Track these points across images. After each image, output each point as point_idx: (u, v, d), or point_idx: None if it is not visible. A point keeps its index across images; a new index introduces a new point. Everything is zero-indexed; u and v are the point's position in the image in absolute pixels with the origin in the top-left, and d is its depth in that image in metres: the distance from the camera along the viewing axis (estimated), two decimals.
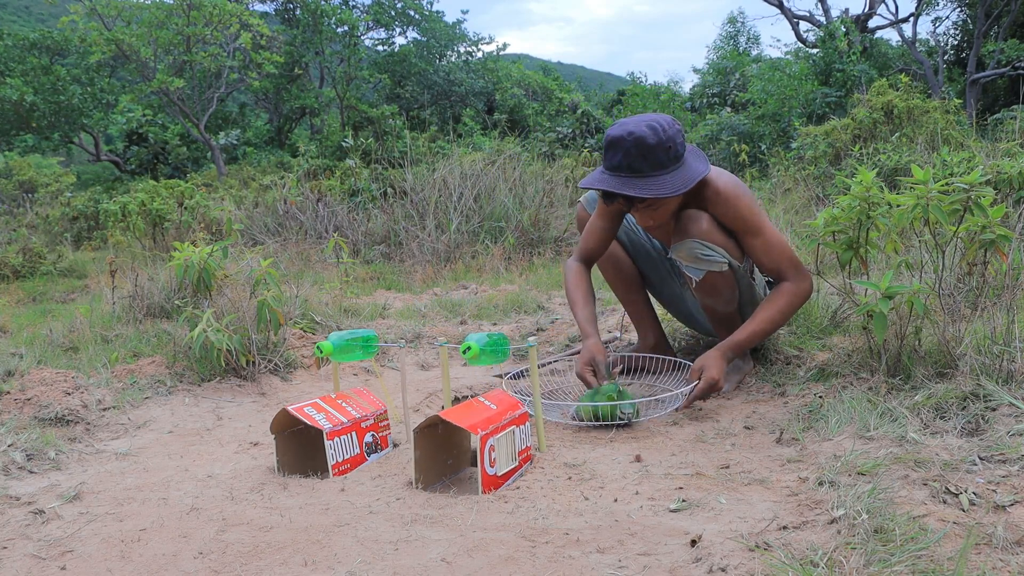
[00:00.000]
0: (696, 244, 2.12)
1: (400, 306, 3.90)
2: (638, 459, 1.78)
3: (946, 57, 18.62)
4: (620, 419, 2.01)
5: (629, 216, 2.45)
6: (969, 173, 1.91)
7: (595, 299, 2.41)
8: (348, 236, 6.02)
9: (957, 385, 1.79)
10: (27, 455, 1.91)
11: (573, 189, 6.63)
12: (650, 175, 2.01)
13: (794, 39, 18.47)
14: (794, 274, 2.17)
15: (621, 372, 2.53)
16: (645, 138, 1.98)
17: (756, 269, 2.32)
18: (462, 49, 21.66)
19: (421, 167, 6.98)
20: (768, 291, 2.31)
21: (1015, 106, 9.45)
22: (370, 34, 20.99)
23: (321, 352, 1.93)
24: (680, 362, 2.39)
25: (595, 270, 2.58)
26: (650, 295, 2.64)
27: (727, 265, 2.17)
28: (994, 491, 1.37)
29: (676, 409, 2.10)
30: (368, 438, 1.89)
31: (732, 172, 2.56)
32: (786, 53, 16.23)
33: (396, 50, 20.87)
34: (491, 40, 22.01)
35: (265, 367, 2.66)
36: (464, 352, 1.81)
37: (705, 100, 16.77)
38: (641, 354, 2.54)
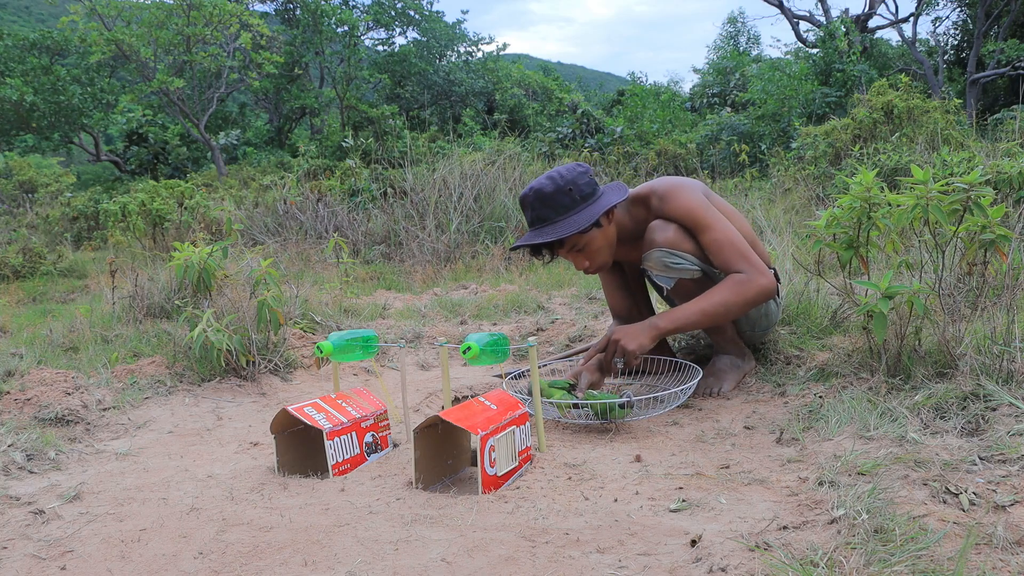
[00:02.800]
0: (662, 253, 2.14)
1: (400, 306, 3.90)
2: (638, 459, 1.78)
3: (946, 57, 18.62)
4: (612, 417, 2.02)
5: None
6: (969, 173, 1.92)
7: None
8: (348, 236, 6.02)
9: (957, 385, 1.79)
10: (27, 455, 1.91)
11: None
12: (557, 220, 2.11)
13: (794, 39, 18.50)
14: (746, 268, 2.10)
15: (620, 374, 2.54)
16: (543, 188, 2.10)
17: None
18: (462, 49, 21.67)
19: (421, 167, 6.98)
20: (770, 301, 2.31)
21: (1015, 106, 9.45)
22: (370, 34, 21.01)
23: (321, 352, 1.93)
24: (680, 363, 2.39)
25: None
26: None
27: (699, 271, 2.18)
28: (994, 491, 1.37)
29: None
30: (368, 438, 1.89)
31: (732, 172, 2.57)
32: (786, 53, 16.24)
33: (396, 50, 20.87)
34: (491, 40, 22.05)
35: (265, 367, 2.66)
36: (464, 352, 1.81)
37: (705, 100, 16.78)
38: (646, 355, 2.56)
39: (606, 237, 2.19)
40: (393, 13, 20.65)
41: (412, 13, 20.84)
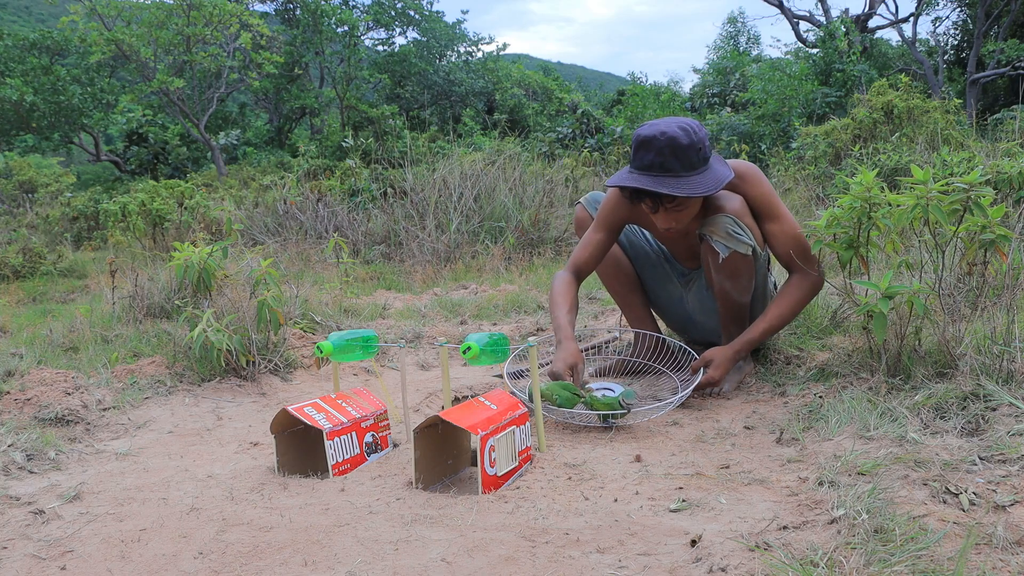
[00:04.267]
0: (729, 220, 2.12)
1: (400, 306, 3.90)
2: (638, 459, 1.78)
3: (946, 57, 18.62)
4: (610, 420, 2.02)
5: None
6: (969, 173, 1.91)
7: (578, 311, 2.42)
8: (348, 236, 6.02)
9: (957, 385, 1.79)
10: (27, 455, 1.91)
11: (573, 189, 6.63)
12: (683, 175, 2.03)
13: (794, 39, 18.48)
14: (804, 265, 2.18)
15: (621, 374, 2.54)
16: (678, 138, 2.01)
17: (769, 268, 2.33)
18: (462, 49, 21.67)
19: (421, 167, 6.98)
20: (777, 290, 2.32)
21: (1015, 106, 9.45)
22: (370, 34, 21.00)
23: (321, 352, 1.93)
24: (685, 348, 2.39)
25: (594, 275, 2.57)
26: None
27: (752, 250, 2.16)
28: (994, 491, 1.37)
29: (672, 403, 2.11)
30: (368, 438, 1.89)
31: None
32: (786, 53, 16.24)
33: (396, 50, 20.87)
34: (491, 40, 22.06)
35: (265, 367, 2.66)
36: (464, 352, 1.81)
37: (705, 100, 16.77)
38: (637, 359, 2.55)
39: (699, 206, 2.18)
40: (393, 13, 20.64)
41: (412, 13, 20.84)
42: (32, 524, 1.55)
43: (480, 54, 21.75)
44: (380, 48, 21.55)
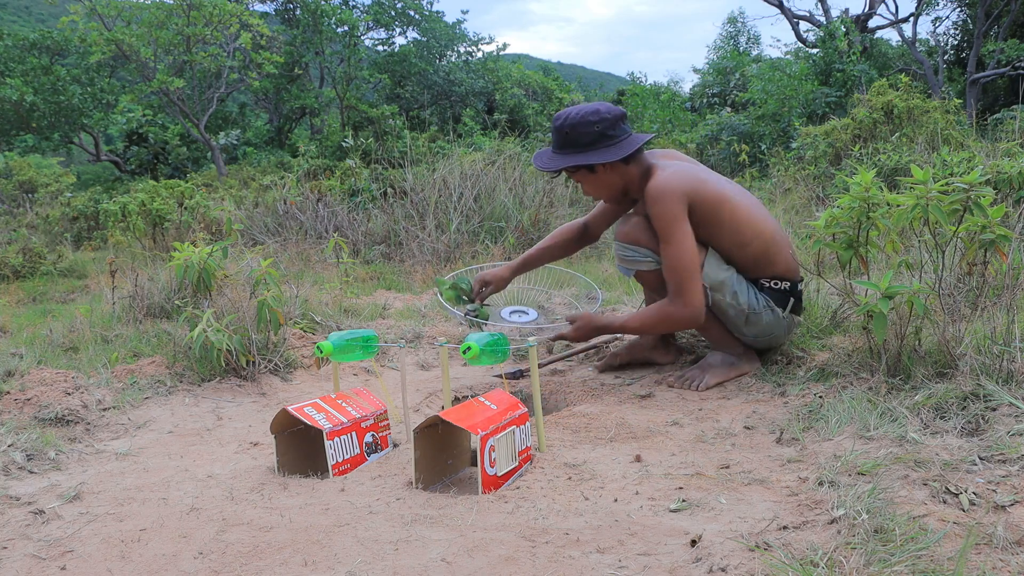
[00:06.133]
0: (618, 246, 2.35)
1: (400, 306, 3.89)
2: (638, 459, 1.78)
3: (946, 57, 18.62)
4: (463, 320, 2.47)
5: None
6: (969, 173, 1.92)
7: (560, 253, 2.73)
8: (348, 236, 6.01)
9: (957, 385, 1.79)
10: (27, 455, 1.91)
11: (573, 189, 6.62)
12: (555, 152, 2.31)
13: (794, 39, 18.47)
14: (675, 297, 2.23)
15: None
16: (555, 119, 2.30)
17: (734, 279, 2.29)
18: (462, 49, 21.65)
19: (421, 167, 6.98)
20: (751, 295, 2.30)
21: (1015, 106, 9.46)
22: (370, 34, 20.98)
23: (321, 352, 1.93)
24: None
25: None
26: None
27: (654, 264, 2.27)
28: (994, 491, 1.37)
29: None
30: (368, 438, 1.89)
31: (732, 172, 2.60)
32: (786, 53, 16.24)
33: (396, 50, 20.85)
34: (491, 40, 22.01)
35: (265, 367, 2.66)
36: (464, 352, 1.81)
37: (705, 100, 16.77)
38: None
39: (600, 181, 2.32)
40: (393, 13, 20.63)
41: (412, 13, 20.82)
42: (32, 524, 1.55)
43: (480, 54, 21.74)
44: (380, 48, 21.54)
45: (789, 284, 2.31)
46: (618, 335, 2.97)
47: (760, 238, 2.26)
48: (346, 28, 18.57)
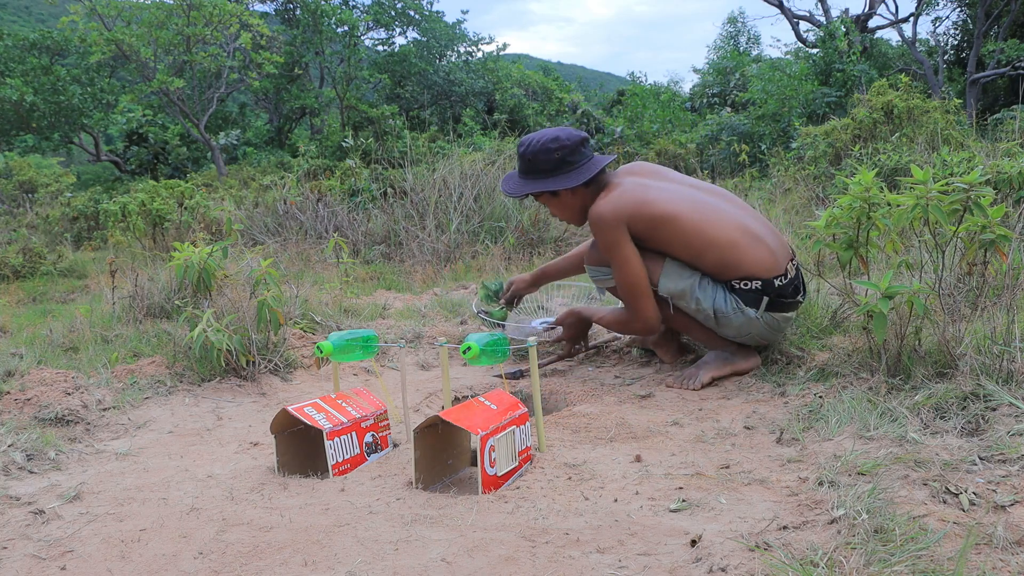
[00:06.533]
0: (588, 268, 2.48)
1: (400, 306, 3.89)
2: (638, 459, 1.78)
3: (946, 57, 18.62)
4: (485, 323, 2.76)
5: None
6: (969, 173, 1.92)
7: (581, 267, 2.75)
8: (348, 236, 6.01)
9: (957, 385, 1.79)
10: (27, 455, 1.91)
11: None
12: (520, 177, 2.44)
13: (794, 39, 18.47)
14: (630, 312, 2.39)
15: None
16: (520, 145, 2.41)
17: (695, 286, 2.32)
18: (462, 49, 21.65)
19: (421, 167, 6.98)
20: (718, 298, 2.31)
21: (1015, 106, 9.46)
22: (370, 34, 20.99)
23: (321, 352, 1.93)
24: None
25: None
26: None
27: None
28: (994, 491, 1.37)
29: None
30: (368, 438, 1.89)
31: (732, 172, 2.61)
32: (786, 53, 16.25)
33: (396, 50, 20.86)
34: (491, 40, 22.00)
35: (265, 367, 2.66)
36: (464, 352, 1.81)
37: (705, 100, 16.78)
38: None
39: (564, 204, 2.43)
40: (393, 13, 20.63)
41: (412, 13, 20.83)
42: (32, 524, 1.55)
43: (480, 54, 21.75)
44: (380, 48, 21.54)
45: (760, 283, 2.27)
46: (618, 335, 2.98)
47: (714, 247, 2.25)
48: (346, 28, 18.57)
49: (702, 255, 2.27)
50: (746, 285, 2.28)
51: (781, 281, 2.29)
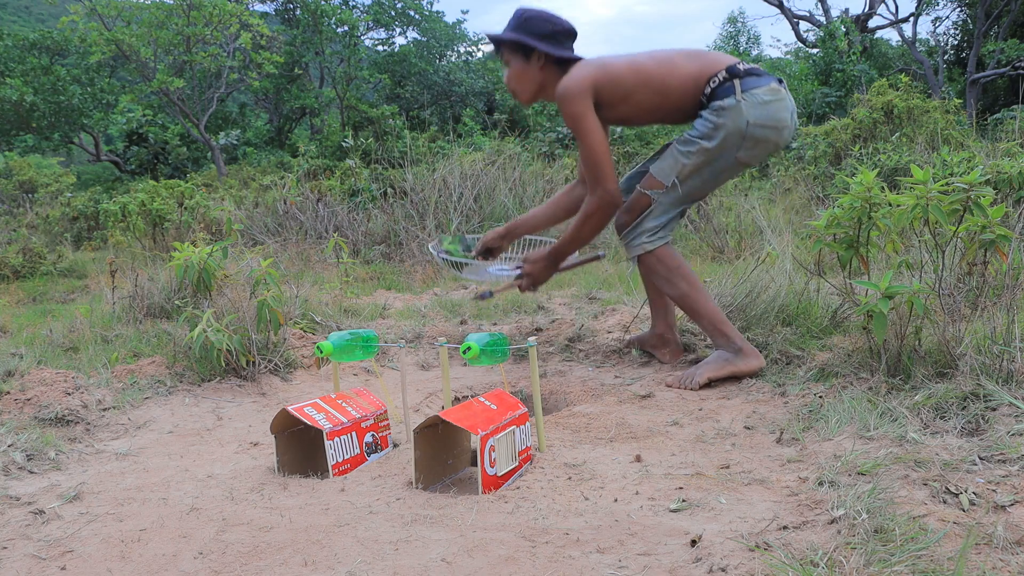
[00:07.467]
0: (621, 235, 2.48)
1: (400, 306, 3.90)
2: (638, 459, 1.78)
3: (946, 57, 18.63)
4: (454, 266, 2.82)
5: None
6: (969, 173, 1.92)
7: (560, 216, 2.82)
8: (348, 236, 6.01)
9: (957, 385, 1.79)
10: (27, 455, 1.91)
11: (570, 179, 6.63)
12: (508, 31, 2.45)
13: (794, 39, 18.51)
14: (592, 189, 2.35)
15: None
16: (519, 8, 2.44)
17: (667, 203, 2.39)
18: (462, 49, 21.66)
19: (421, 167, 6.98)
20: (674, 177, 2.36)
21: (1015, 106, 9.45)
22: (370, 34, 21.00)
23: (321, 352, 1.93)
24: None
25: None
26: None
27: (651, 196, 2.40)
28: (994, 491, 1.37)
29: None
30: (368, 438, 1.89)
31: None
32: (786, 53, 16.27)
33: (396, 50, 20.87)
34: None
35: (265, 367, 2.66)
36: (464, 352, 1.81)
37: None
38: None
39: (526, 72, 2.45)
40: (393, 13, 20.64)
41: (412, 13, 20.84)
42: (32, 524, 1.55)
43: (480, 54, 21.76)
44: (380, 48, 21.55)
45: (725, 71, 2.32)
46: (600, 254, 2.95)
47: (678, 72, 2.34)
48: (346, 28, 18.58)
49: (666, 83, 2.35)
50: (714, 82, 2.33)
51: (722, 75, 2.35)
